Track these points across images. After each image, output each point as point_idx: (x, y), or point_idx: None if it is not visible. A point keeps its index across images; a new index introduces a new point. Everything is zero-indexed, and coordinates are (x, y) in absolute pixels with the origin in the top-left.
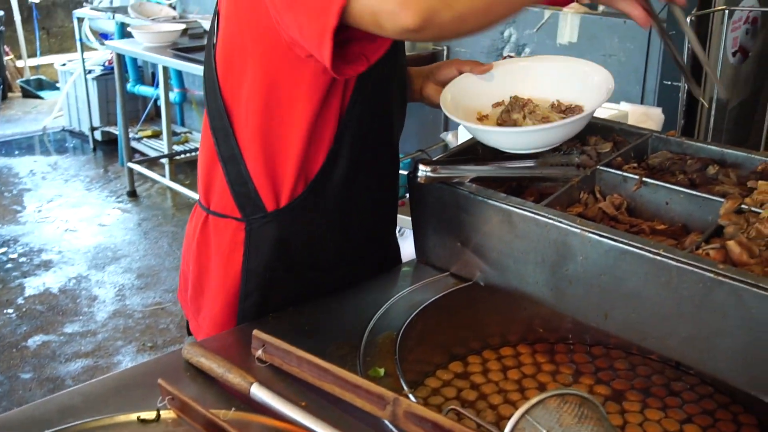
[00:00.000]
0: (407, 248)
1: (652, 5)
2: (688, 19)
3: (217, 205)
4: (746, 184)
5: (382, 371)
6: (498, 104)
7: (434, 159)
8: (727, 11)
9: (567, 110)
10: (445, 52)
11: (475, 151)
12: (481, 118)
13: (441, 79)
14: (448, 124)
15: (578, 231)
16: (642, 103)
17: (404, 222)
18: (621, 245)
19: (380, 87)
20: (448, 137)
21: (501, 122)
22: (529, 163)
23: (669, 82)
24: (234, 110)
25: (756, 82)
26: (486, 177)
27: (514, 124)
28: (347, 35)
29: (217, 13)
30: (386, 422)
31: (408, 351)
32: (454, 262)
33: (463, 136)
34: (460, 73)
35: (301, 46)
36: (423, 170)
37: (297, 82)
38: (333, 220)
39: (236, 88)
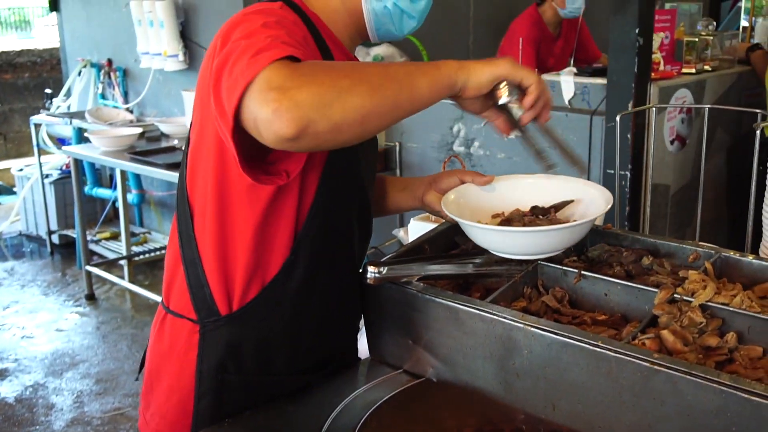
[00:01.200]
0: (362, 345)
1: (513, 115)
2: (619, 116)
3: (177, 305)
4: (679, 273)
5: None
6: (497, 215)
7: (383, 260)
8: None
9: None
10: (397, 148)
11: (423, 250)
12: None
13: (443, 188)
14: (402, 221)
15: (521, 326)
16: None
17: None
18: (562, 338)
19: (340, 204)
20: (400, 234)
21: None
22: (476, 260)
23: (612, 171)
24: (196, 214)
25: (695, 167)
26: (434, 275)
27: None
28: (276, 154)
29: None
30: None
31: None
32: (407, 359)
33: (413, 233)
34: (462, 183)
35: None
36: (372, 271)
37: (240, 189)
38: (287, 326)
39: (198, 192)
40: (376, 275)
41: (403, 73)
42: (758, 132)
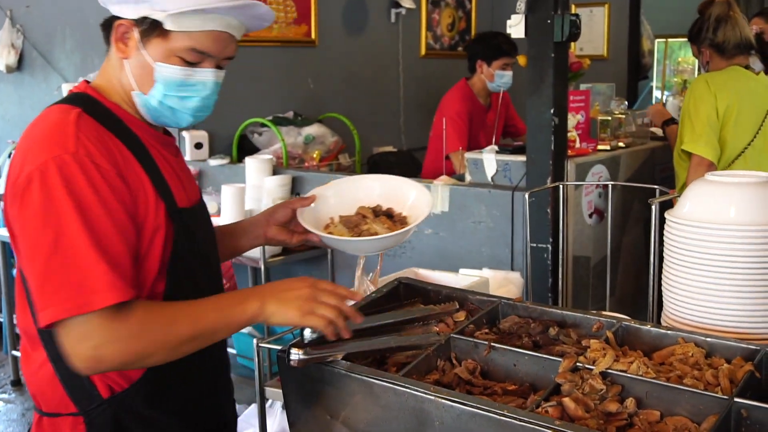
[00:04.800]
0: (283, 422)
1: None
2: (528, 193)
3: (50, 405)
4: (582, 342)
5: None
6: (344, 217)
7: (305, 342)
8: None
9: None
10: None
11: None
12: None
13: (280, 221)
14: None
15: (432, 397)
16: (512, 265)
17: (277, 395)
18: (470, 408)
19: (190, 280)
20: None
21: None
22: (393, 336)
23: (536, 244)
24: None
25: (614, 239)
26: (355, 352)
27: (366, 231)
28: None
29: None
30: None
31: None
32: None
33: None
34: (294, 211)
35: None
36: (296, 353)
37: None
38: (173, 396)
39: None
40: (301, 357)
41: (210, 331)
42: (653, 207)
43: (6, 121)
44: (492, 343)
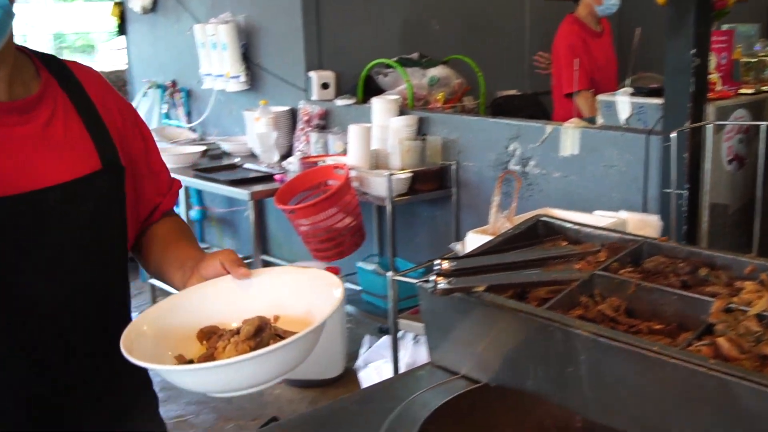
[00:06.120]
0: (421, 354)
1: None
2: (675, 132)
3: None
4: (735, 284)
5: None
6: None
7: (444, 270)
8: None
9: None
10: (454, 167)
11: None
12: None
13: (205, 275)
14: (458, 235)
15: (580, 332)
16: (645, 210)
17: (420, 330)
18: (619, 344)
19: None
20: (458, 247)
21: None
22: (534, 271)
23: (669, 190)
24: None
25: (755, 187)
26: (495, 285)
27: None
28: None
29: None
30: None
31: None
32: (465, 364)
33: (470, 245)
34: (227, 271)
35: None
36: (440, 282)
37: None
38: None
39: None
40: (444, 286)
41: None
42: None
43: (141, 61)
44: (638, 281)
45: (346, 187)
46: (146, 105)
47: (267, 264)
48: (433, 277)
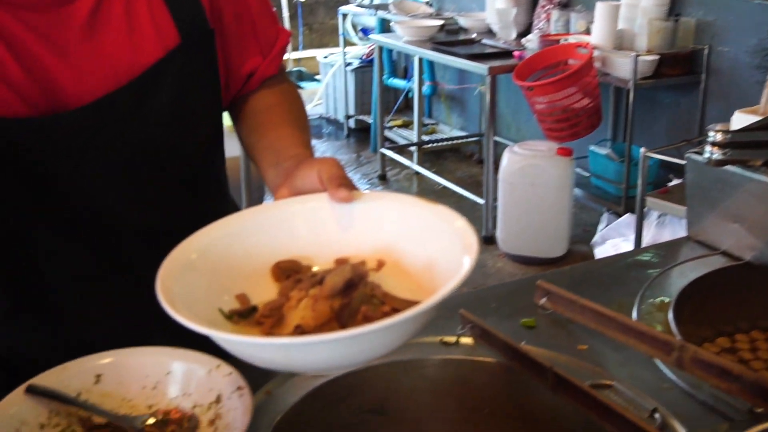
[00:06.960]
0: (663, 235)
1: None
2: None
3: None
4: None
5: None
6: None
7: (719, 141)
8: None
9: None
10: (705, 51)
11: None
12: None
13: (300, 187)
14: (702, 127)
15: None
16: None
17: (668, 209)
18: None
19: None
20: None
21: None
22: None
23: None
24: None
25: None
26: None
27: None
28: None
29: None
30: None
31: (676, 322)
32: (727, 240)
33: (735, 125)
34: (324, 187)
35: None
36: (715, 152)
37: None
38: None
39: None
40: (718, 157)
41: None
42: None
43: None
44: None
45: (587, 67)
46: None
47: (497, 145)
48: (708, 148)
